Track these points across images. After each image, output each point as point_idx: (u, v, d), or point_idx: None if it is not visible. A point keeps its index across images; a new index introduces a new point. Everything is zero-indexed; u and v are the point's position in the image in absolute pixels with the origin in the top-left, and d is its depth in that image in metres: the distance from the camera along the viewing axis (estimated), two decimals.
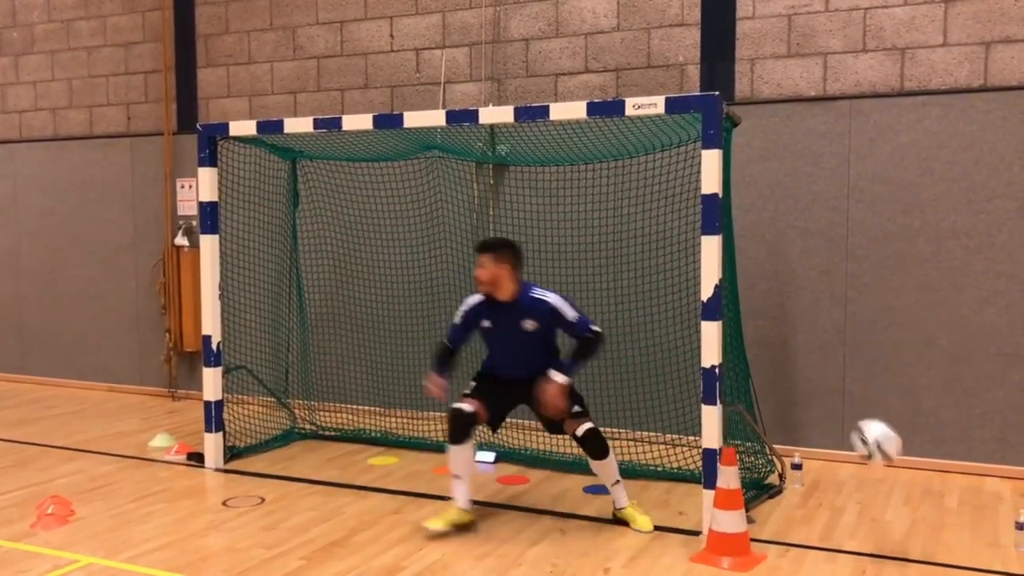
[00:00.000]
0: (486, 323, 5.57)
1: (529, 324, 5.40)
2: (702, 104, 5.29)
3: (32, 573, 4.82)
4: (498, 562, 4.94)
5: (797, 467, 6.34)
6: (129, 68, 9.69)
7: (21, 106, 10.36)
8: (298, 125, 6.51)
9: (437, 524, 5.32)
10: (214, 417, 6.86)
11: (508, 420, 7.48)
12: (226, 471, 6.78)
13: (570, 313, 5.39)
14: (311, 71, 8.77)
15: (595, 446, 5.46)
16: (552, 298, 5.42)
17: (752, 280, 7.02)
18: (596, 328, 5.41)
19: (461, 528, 5.41)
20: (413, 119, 6.14)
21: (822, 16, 6.93)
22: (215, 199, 6.83)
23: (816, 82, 6.99)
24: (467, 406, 5.52)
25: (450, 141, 7.24)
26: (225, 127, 6.80)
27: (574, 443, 6.34)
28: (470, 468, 5.57)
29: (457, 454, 5.47)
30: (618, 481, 5.56)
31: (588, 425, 5.48)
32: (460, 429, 5.48)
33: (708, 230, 5.26)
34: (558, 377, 5.30)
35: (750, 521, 5.30)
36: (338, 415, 8.02)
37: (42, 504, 5.72)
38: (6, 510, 5.86)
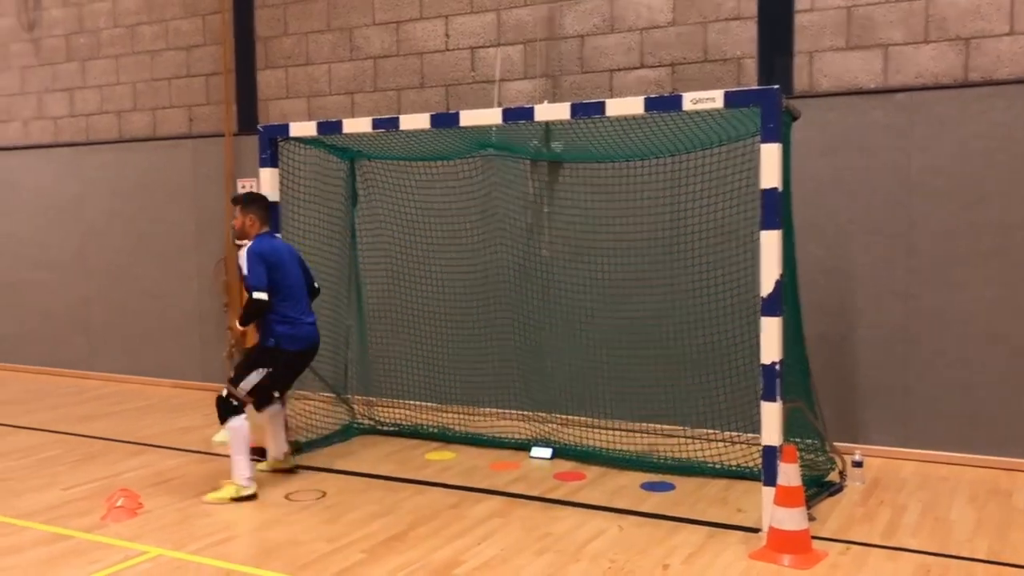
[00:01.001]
0: None
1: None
2: (761, 98, 5.25)
3: (103, 563, 4.96)
4: (556, 557, 4.97)
5: (858, 464, 6.26)
6: (191, 71, 9.90)
7: (88, 109, 10.64)
8: (357, 125, 6.60)
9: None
10: None
11: (566, 417, 7.54)
12: (287, 469, 6.90)
13: (244, 269, 6.05)
14: (368, 71, 8.87)
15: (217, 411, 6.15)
16: (244, 251, 6.11)
17: (812, 275, 6.93)
18: (254, 296, 6.00)
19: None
20: (470, 118, 6.19)
21: (882, 7, 6.82)
22: (277, 199, 6.95)
23: (876, 74, 6.88)
24: None
25: (505, 139, 7.27)
26: (286, 128, 6.92)
27: (631, 439, 6.42)
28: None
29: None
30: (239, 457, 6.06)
31: (222, 392, 6.16)
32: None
33: (768, 225, 5.21)
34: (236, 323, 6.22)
35: (811, 519, 5.25)
36: (396, 411, 8.11)
37: (112, 497, 5.89)
38: (77, 503, 6.04)
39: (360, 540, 5.28)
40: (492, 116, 6.21)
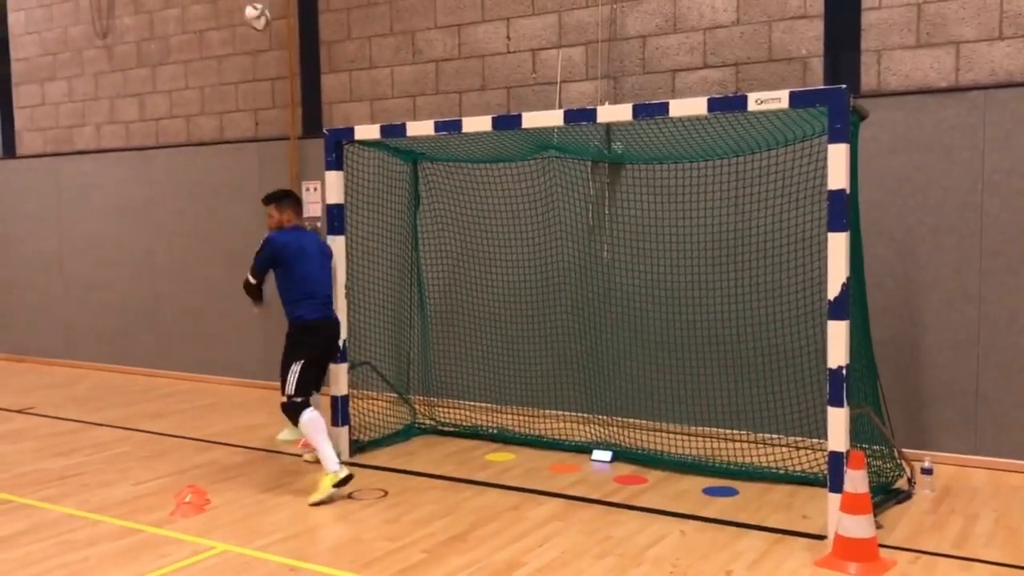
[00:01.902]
0: None
1: None
2: (828, 98, 5.16)
3: (173, 558, 5.08)
4: (618, 561, 4.94)
5: (927, 472, 6.11)
6: (257, 75, 10.08)
7: (158, 114, 10.90)
8: (420, 128, 6.65)
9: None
10: (340, 411, 7.08)
11: (626, 419, 7.50)
12: (351, 464, 6.97)
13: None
14: (430, 74, 8.94)
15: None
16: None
17: (880, 278, 6.80)
18: (247, 277, 6.68)
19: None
20: (532, 119, 6.19)
21: (954, 3, 6.66)
22: (341, 201, 7.05)
23: (947, 72, 6.72)
24: None
25: (566, 140, 7.26)
26: (351, 131, 7.00)
27: (692, 443, 6.35)
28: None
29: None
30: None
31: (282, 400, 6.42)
32: None
33: (835, 227, 5.12)
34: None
35: (878, 526, 5.15)
36: (456, 411, 8.15)
37: (180, 493, 6.02)
38: (147, 498, 6.19)
39: (422, 540, 5.32)
40: (554, 118, 6.20)
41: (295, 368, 6.40)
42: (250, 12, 5.66)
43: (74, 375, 11.22)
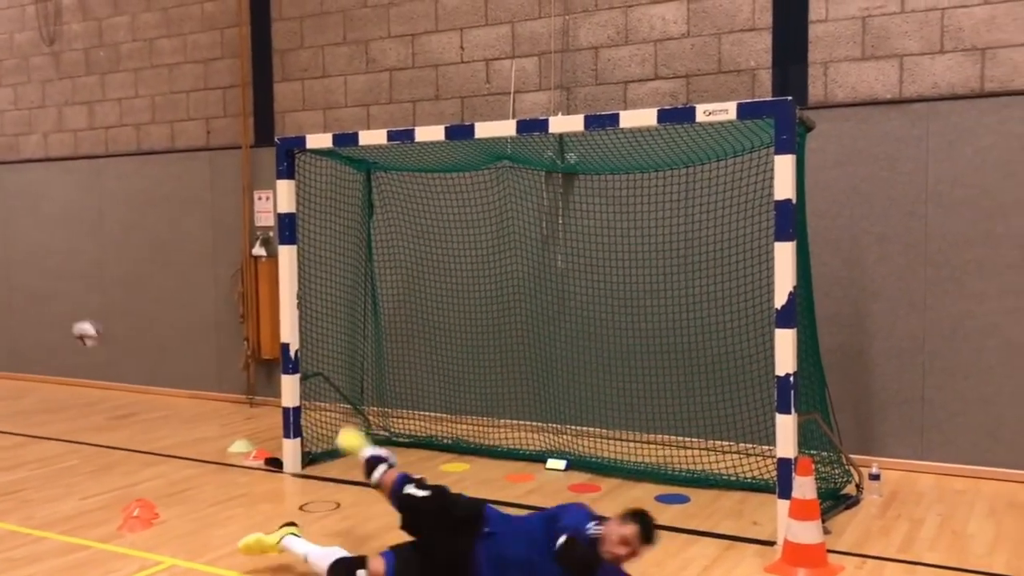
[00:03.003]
0: None
1: None
2: (775, 109, 5.25)
3: (120, 574, 4.99)
4: None
5: (875, 477, 6.21)
6: (208, 84, 9.99)
7: (107, 122, 10.74)
8: (372, 137, 6.64)
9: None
10: (292, 423, 7.02)
11: (580, 428, 7.52)
12: (303, 476, 6.93)
13: None
14: (383, 84, 8.92)
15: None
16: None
17: (827, 287, 6.91)
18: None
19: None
20: (484, 129, 6.21)
21: (897, 17, 6.81)
22: (293, 210, 7.00)
23: (892, 85, 6.86)
24: None
25: (520, 151, 7.29)
26: (302, 140, 6.96)
27: (645, 450, 6.33)
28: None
29: None
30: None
31: None
32: None
33: (782, 236, 5.20)
34: None
35: (826, 532, 5.21)
36: (411, 422, 8.12)
37: (128, 507, 5.92)
38: (94, 513, 6.08)
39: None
40: (507, 128, 6.23)
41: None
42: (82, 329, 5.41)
43: (19, 388, 10.99)
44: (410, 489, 4.54)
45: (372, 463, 5.13)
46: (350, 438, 5.54)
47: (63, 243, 11.11)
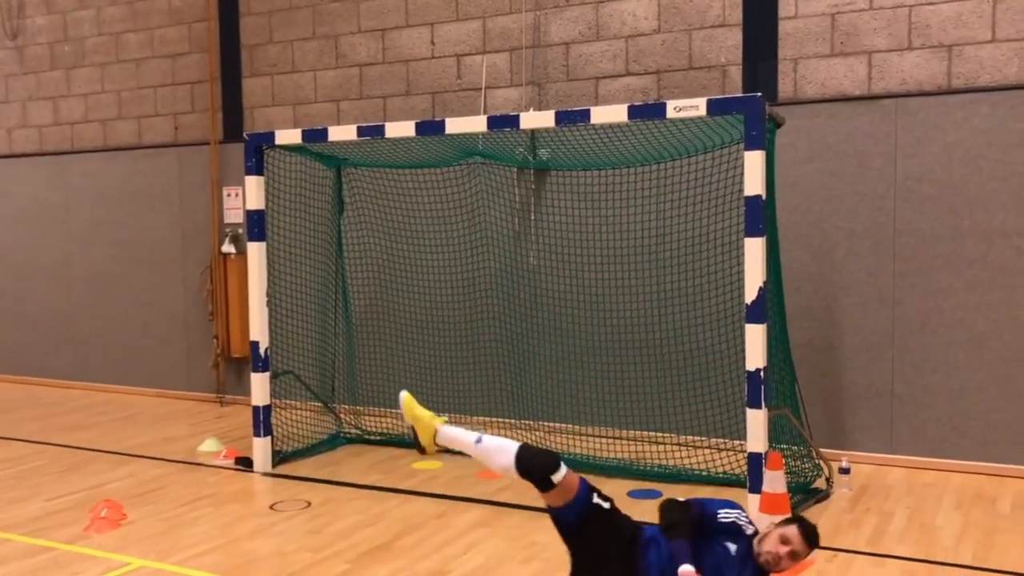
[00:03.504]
0: None
1: None
2: (744, 105, 5.26)
3: (86, 575, 4.91)
4: (543, 566, 4.95)
5: (845, 471, 6.25)
6: (176, 79, 9.87)
7: (72, 118, 10.59)
8: (342, 133, 6.59)
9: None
10: (262, 422, 6.96)
11: (553, 424, 7.52)
12: (273, 475, 6.87)
13: None
14: (353, 79, 8.86)
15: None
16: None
17: (798, 282, 6.94)
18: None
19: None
20: (455, 125, 6.19)
21: (866, 14, 6.85)
22: (262, 207, 6.93)
23: (861, 81, 6.91)
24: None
25: (491, 147, 7.27)
26: (271, 136, 6.90)
27: (618, 446, 6.30)
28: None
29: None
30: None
31: None
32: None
33: (752, 232, 5.22)
34: None
35: None
36: (382, 419, 8.08)
37: (95, 508, 5.84)
38: (61, 514, 5.99)
39: (345, 550, 5.25)
40: (478, 124, 6.21)
41: None
42: None
43: None
44: (597, 499, 4.08)
45: (527, 462, 4.07)
46: (418, 411, 4.55)
47: (29, 241, 10.94)
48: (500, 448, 4.09)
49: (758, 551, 3.84)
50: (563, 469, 3.94)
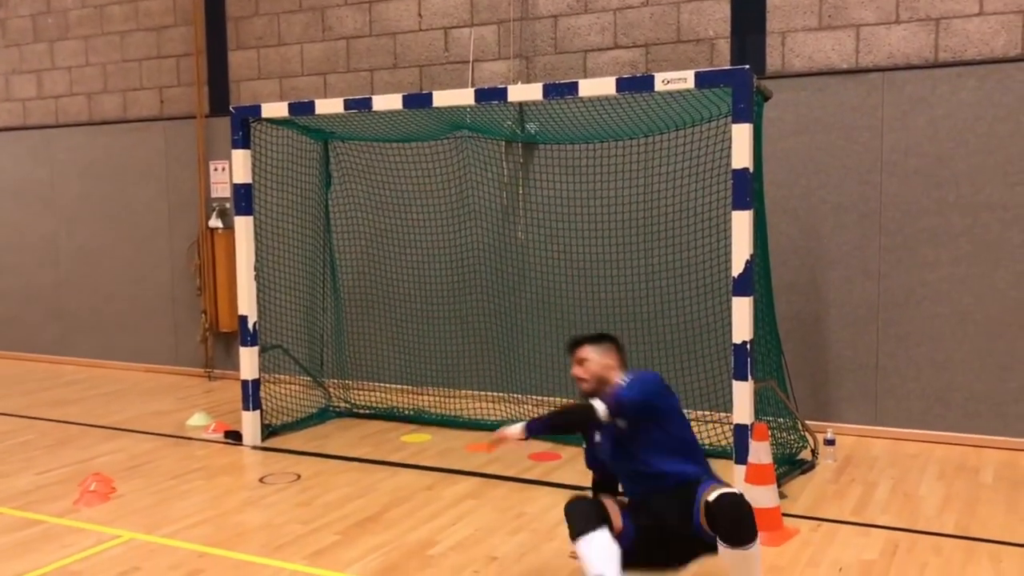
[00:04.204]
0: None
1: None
2: (732, 78, 5.26)
3: (76, 548, 4.94)
4: (531, 536, 4.99)
5: (830, 443, 6.32)
6: (161, 52, 9.79)
7: (57, 91, 10.50)
8: (329, 106, 6.56)
9: None
10: (251, 396, 6.97)
11: (541, 398, 7.55)
12: (263, 449, 6.89)
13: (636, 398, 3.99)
14: (340, 52, 8.80)
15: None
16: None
17: (784, 255, 6.98)
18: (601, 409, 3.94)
19: None
20: (442, 98, 6.17)
21: None
22: (249, 181, 6.91)
23: (848, 54, 6.91)
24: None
25: (479, 120, 7.25)
26: (258, 109, 6.86)
27: None
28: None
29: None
30: None
31: None
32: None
33: (739, 205, 5.24)
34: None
35: (782, 496, 5.31)
36: (372, 394, 8.11)
37: (84, 482, 5.85)
38: (50, 487, 6.00)
39: (335, 522, 5.29)
40: (465, 96, 6.18)
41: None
42: None
43: None
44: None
45: None
46: None
47: (13, 216, 10.87)
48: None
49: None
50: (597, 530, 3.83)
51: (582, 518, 3.87)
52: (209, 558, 4.78)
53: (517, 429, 4.03)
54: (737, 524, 3.70)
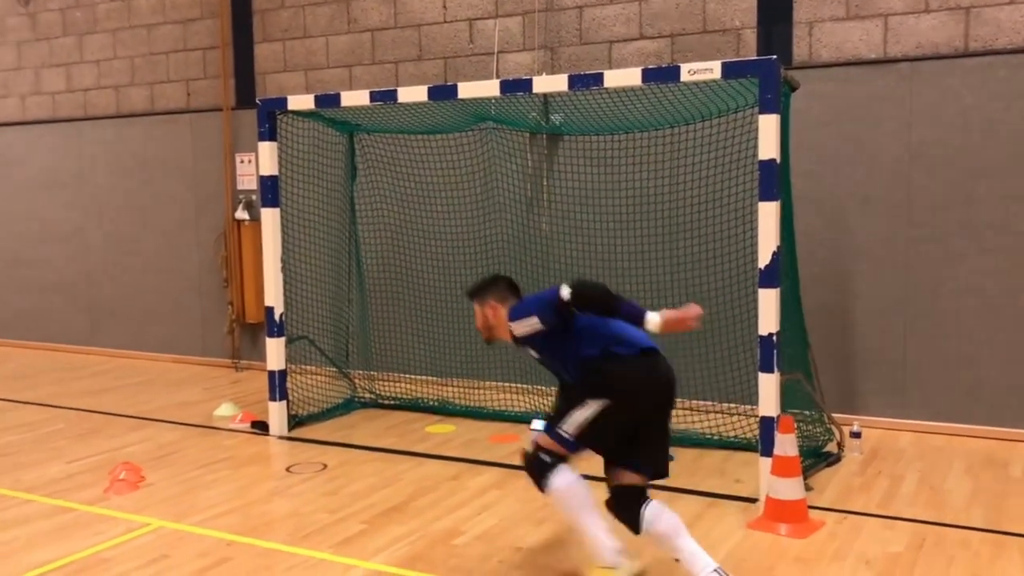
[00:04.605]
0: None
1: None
2: (759, 68, 5.23)
3: (107, 535, 5.00)
4: (555, 528, 5.00)
5: (856, 435, 6.28)
6: (188, 45, 9.85)
7: (85, 84, 10.60)
8: (355, 98, 6.58)
9: None
10: (278, 386, 7.02)
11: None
12: (289, 439, 6.95)
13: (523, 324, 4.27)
14: (365, 44, 8.82)
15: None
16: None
17: (811, 247, 6.93)
18: (562, 295, 4.05)
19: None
20: (467, 90, 6.17)
21: None
22: (275, 173, 6.95)
23: (876, 44, 6.84)
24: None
25: (504, 112, 7.25)
26: (284, 101, 6.89)
27: None
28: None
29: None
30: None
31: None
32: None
33: (766, 196, 5.21)
34: None
35: (808, 489, 5.28)
36: (396, 384, 8.15)
37: (114, 470, 5.93)
38: (80, 475, 6.08)
39: (361, 511, 5.32)
40: (490, 88, 6.18)
41: (595, 406, 4.08)
42: None
43: (1, 354, 10.93)
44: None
45: None
46: None
47: (44, 208, 11.00)
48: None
49: None
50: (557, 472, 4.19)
51: (538, 468, 4.21)
52: (237, 546, 4.83)
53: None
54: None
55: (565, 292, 4.02)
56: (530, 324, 4.18)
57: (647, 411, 4.15)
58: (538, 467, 4.20)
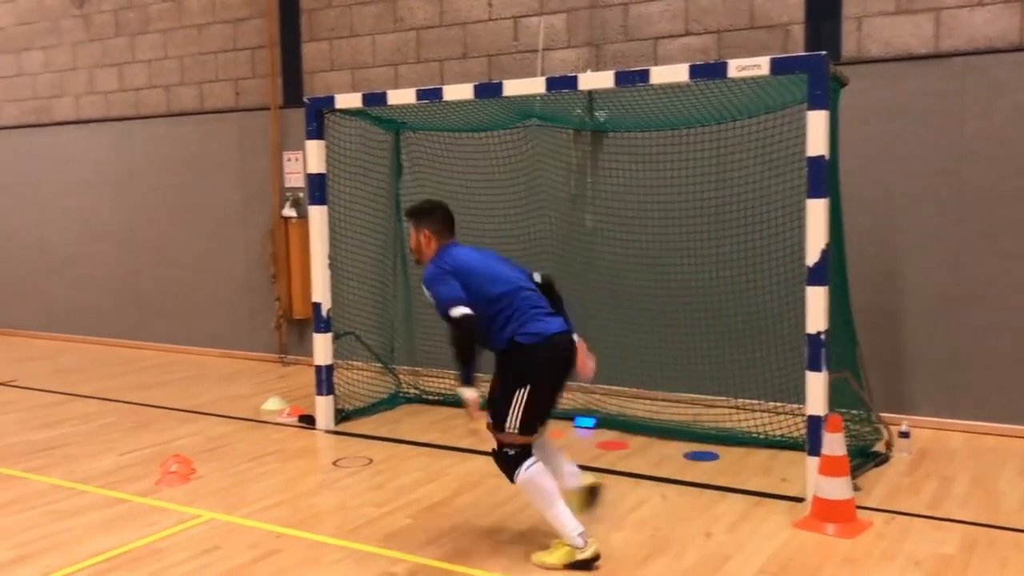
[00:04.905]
0: None
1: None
2: (808, 64, 5.18)
3: (159, 526, 5.11)
4: (600, 526, 5.00)
5: (905, 435, 6.20)
6: (237, 44, 9.99)
7: (137, 84, 10.79)
8: (401, 96, 6.63)
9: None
10: (325, 381, 7.10)
11: (609, 387, 7.53)
12: (336, 433, 7.03)
13: (429, 293, 4.68)
14: (411, 43, 8.88)
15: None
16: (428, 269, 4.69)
17: (859, 245, 6.84)
18: (452, 314, 4.58)
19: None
20: (513, 87, 6.19)
21: None
22: (323, 171, 7.02)
23: (927, 39, 6.74)
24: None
25: (548, 109, 7.25)
26: (331, 100, 6.97)
27: (674, 409, 6.21)
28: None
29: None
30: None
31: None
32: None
33: (814, 193, 5.16)
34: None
35: (856, 489, 5.23)
36: (441, 380, 8.19)
37: (166, 463, 6.05)
38: (132, 468, 6.21)
39: (406, 506, 5.37)
40: (536, 85, 6.20)
41: (520, 395, 4.66)
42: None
43: (56, 348, 11.19)
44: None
45: None
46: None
47: (95, 205, 11.22)
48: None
49: None
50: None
51: (506, 462, 4.60)
52: (286, 539, 4.90)
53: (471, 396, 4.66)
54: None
55: (455, 312, 4.65)
56: (430, 297, 4.70)
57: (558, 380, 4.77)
58: (506, 461, 4.61)
